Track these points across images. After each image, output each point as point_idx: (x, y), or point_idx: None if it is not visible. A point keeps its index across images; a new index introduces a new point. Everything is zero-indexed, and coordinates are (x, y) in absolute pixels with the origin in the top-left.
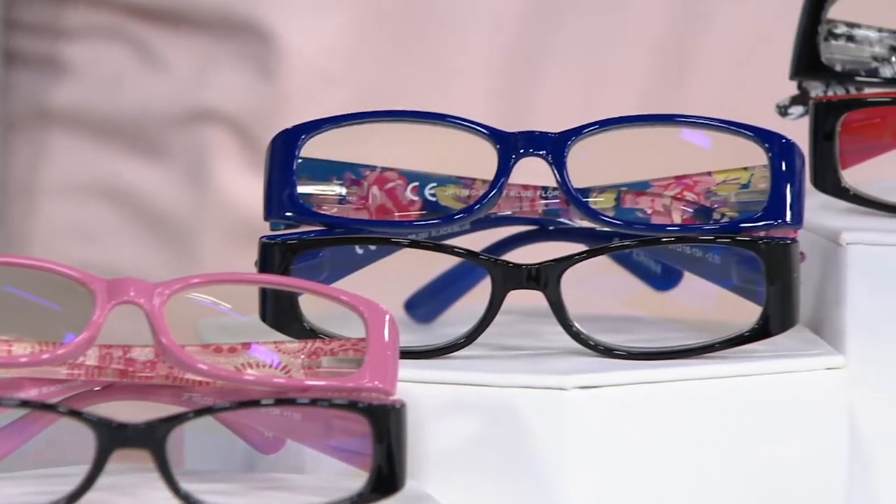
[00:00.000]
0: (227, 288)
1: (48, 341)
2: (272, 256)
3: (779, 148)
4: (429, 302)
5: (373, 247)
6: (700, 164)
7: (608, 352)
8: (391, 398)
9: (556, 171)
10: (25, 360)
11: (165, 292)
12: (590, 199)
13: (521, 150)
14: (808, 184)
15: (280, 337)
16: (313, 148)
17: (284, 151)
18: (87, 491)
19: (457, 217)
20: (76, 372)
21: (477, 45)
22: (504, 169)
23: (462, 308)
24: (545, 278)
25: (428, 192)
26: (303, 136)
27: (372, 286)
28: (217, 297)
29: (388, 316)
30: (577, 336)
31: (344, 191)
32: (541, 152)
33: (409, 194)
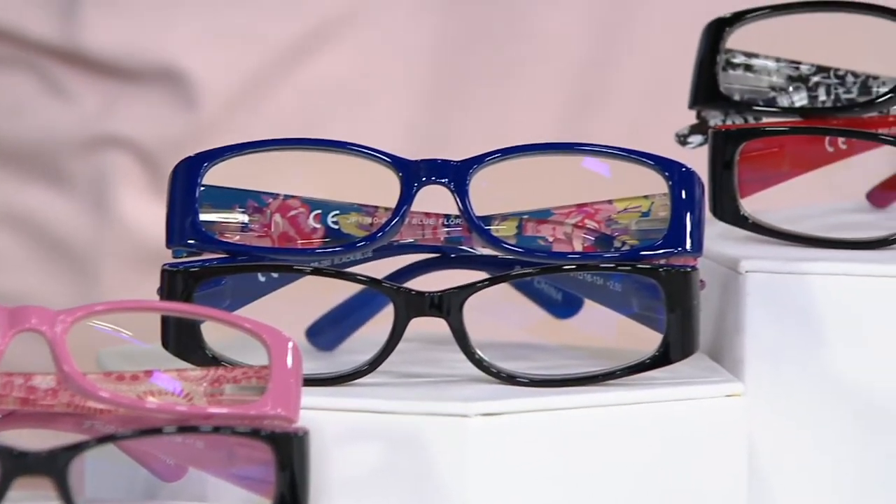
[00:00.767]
0: (130, 315)
1: None
2: (174, 284)
3: (679, 176)
4: (331, 329)
5: (275, 274)
6: (604, 192)
7: (510, 379)
8: (294, 426)
9: (458, 199)
10: None
11: (68, 320)
12: (492, 227)
13: (424, 178)
14: (707, 212)
15: (183, 365)
16: (216, 175)
17: (187, 179)
18: None
19: (359, 245)
20: None
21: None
22: (406, 197)
23: (364, 335)
24: (448, 306)
25: (330, 219)
26: (205, 164)
27: (275, 314)
28: (120, 325)
29: (290, 343)
30: (479, 363)
31: (247, 218)
32: (443, 180)
33: (312, 222)
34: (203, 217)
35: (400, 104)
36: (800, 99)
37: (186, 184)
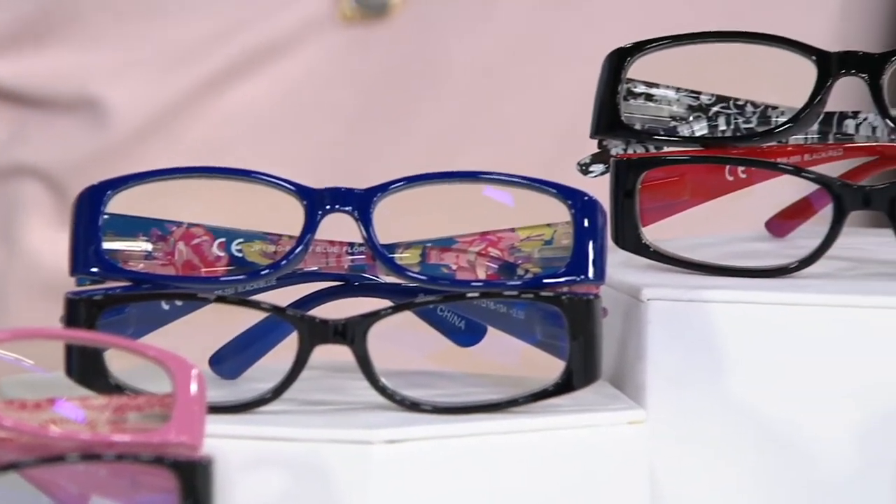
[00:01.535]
0: (33, 344)
1: None
2: (78, 312)
3: (581, 205)
4: (235, 357)
5: (179, 302)
6: (507, 220)
7: (414, 406)
8: (198, 453)
9: (361, 227)
10: None
11: None
12: (395, 255)
13: (328, 206)
14: (610, 240)
15: (86, 393)
16: (121, 203)
17: (90, 207)
18: None
19: (263, 273)
20: None
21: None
22: (310, 225)
23: (268, 363)
24: (351, 333)
25: (234, 247)
26: (108, 192)
27: (178, 341)
28: (23, 353)
29: (194, 371)
30: (383, 391)
31: (150, 246)
32: (347, 208)
33: (216, 250)
34: (106, 245)
35: (317, 135)
36: (700, 128)
37: (90, 212)
